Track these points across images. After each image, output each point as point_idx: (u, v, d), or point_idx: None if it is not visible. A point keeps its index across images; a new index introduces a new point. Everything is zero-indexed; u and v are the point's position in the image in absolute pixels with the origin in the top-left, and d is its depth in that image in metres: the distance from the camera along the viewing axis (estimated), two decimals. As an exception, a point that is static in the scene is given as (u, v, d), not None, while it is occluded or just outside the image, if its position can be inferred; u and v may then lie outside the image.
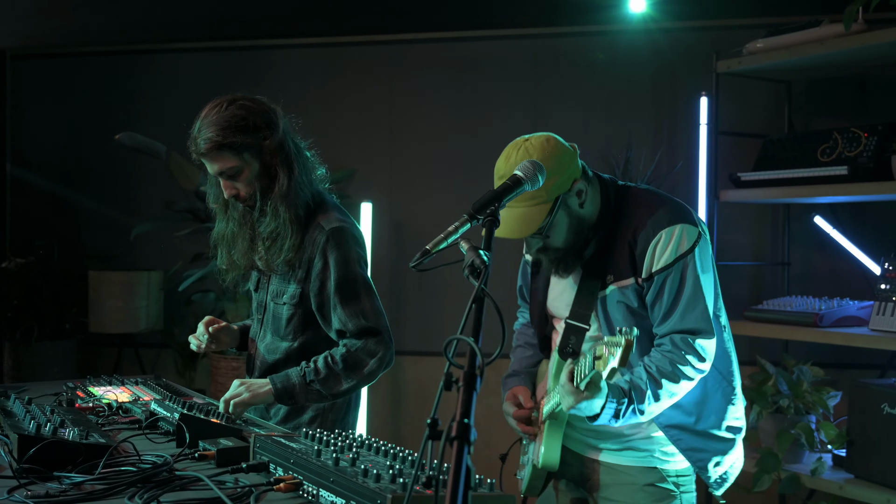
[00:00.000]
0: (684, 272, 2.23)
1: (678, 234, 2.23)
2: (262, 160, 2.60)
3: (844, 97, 4.79)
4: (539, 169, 1.94)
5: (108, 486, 1.89)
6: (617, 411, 2.16)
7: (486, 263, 1.57)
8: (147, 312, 5.37)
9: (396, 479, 1.67)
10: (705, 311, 2.24)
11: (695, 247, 2.25)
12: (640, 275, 2.27)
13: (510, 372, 2.63)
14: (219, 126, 2.55)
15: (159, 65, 5.79)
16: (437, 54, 5.45)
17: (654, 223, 2.25)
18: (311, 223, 2.68)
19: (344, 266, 2.63)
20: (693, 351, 2.22)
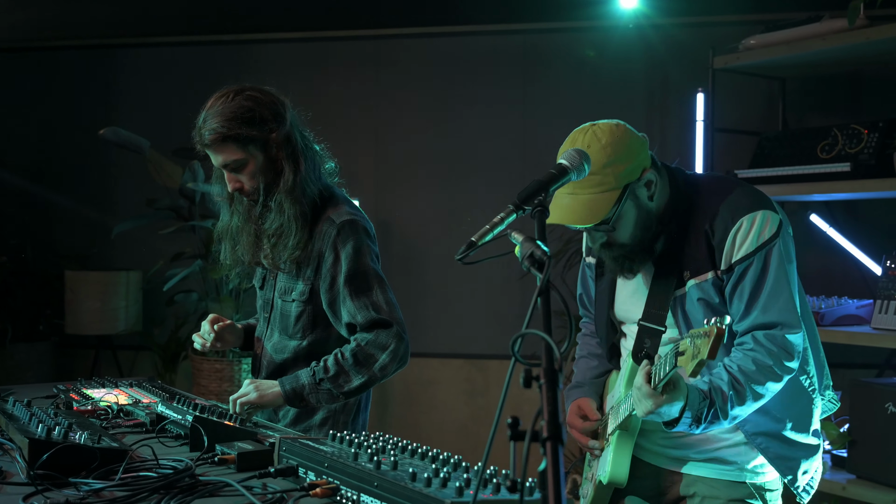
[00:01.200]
0: (767, 261, 2.07)
1: (760, 221, 2.07)
2: (267, 153, 2.51)
3: (838, 94, 4.79)
4: (585, 158, 1.86)
5: (130, 493, 1.77)
6: (697, 416, 1.99)
7: (547, 254, 1.48)
8: (126, 313, 5.20)
9: (448, 484, 1.58)
10: (790, 302, 2.08)
11: (778, 234, 2.09)
12: (719, 266, 2.10)
13: (574, 383, 2.47)
14: (224, 117, 2.46)
15: (137, 59, 5.64)
16: (423, 50, 5.36)
17: (732, 210, 2.10)
18: (321, 217, 2.59)
19: (355, 258, 2.54)
20: (778, 347, 2.05)
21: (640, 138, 2.17)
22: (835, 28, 3.88)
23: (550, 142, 5.08)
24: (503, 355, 5.21)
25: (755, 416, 2.12)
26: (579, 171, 1.85)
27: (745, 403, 2.04)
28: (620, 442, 2.21)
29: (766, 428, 2.15)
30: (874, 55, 4.09)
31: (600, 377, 2.44)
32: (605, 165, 2.07)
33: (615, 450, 2.20)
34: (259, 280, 2.82)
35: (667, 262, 2.17)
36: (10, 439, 2.14)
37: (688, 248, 2.14)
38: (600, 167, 2.06)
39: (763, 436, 2.15)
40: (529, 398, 5.11)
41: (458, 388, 5.28)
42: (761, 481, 2.21)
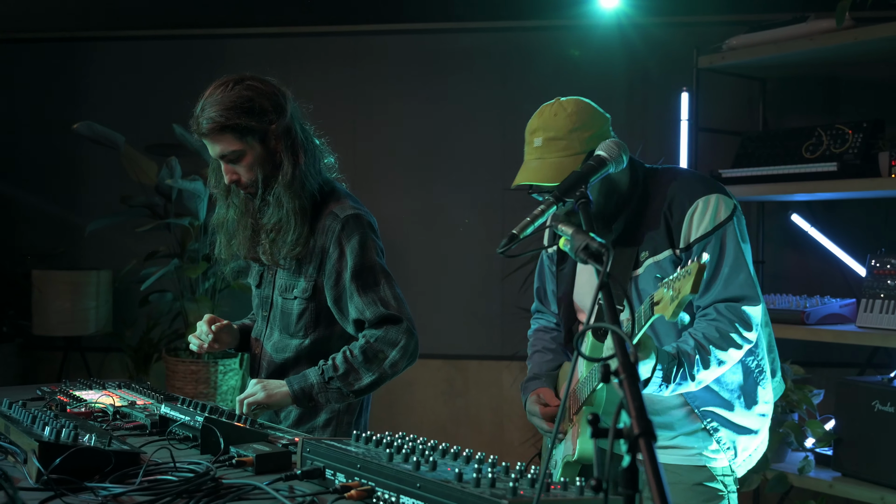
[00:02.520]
0: (724, 240, 2.19)
1: (714, 203, 2.19)
2: (266, 145, 2.44)
3: (816, 95, 4.84)
4: (623, 149, 1.84)
5: (153, 497, 1.69)
6: (667, 374, 2.07)
7: (605, 245, 1.44)
8: (97, 314, 5.06)
9: (497, 484, 1.53)
10: (749, 278, 2.19)
11: (732, 216, 2.21)
12: (677, 245, 2.20)
13: (530, 376, 2.54)
14: (223, 106, 2.38)
15: (106, 53, 5.49)
16: (402, 46, 5.31)
17: (689, 193, 2.21)
18: (323, 212, 2.53)
19: (361, 253, 2.47)
20: (739, 318, 2.15)
21: (603, 114, 2.30)
22: (822, 28, 3.91)
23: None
24: (482, 356, 5.17)
25: (704, 391, 2.23)
26: (618, 163, 1.83)
27: (709, 367, 2.13)
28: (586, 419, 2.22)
29: (713, 403, 2.25)
30: (860, 55, 4.14)
31: (555, 370, 2.52)
32: (570, 131, 2.21)
33: (582, 426, 2.27)
34: (256, 278, 2.75)
35: (623, 244, 2.27)
36: (13, 443, 2.03)
37: (645, 230, 2.25)
38: (566, 132, 2.20)
39: (711, 412, 2.25)
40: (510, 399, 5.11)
41: (436, 388, 5.22)
42: (718, 465, 2.30)
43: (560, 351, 2.55)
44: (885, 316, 3.77)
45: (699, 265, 1.71)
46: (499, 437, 5.14)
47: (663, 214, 2.22)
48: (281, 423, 2.61)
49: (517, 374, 5.08)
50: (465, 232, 5.23)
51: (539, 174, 2.19)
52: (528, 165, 2.24)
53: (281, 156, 2.44)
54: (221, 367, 4.75)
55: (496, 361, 5.13)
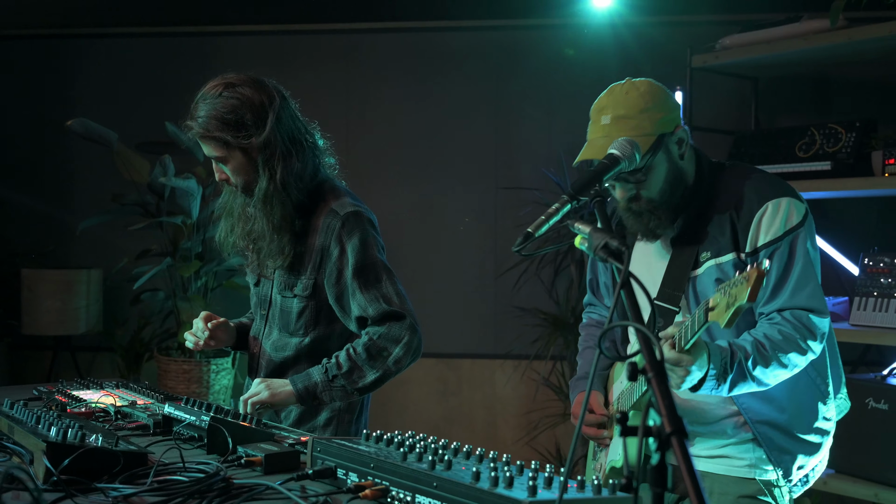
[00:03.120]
0: (794, 247, 2.07)
1: (786, 207, 2.07)
2: (247, 156, 2.44)
3: (807, 95, 4.87)
4: (636, 147, 1.84)
5: (165, 498, 1.68)
6: (722, 368, 1.94)
7: (626, 244, 1.44)
8: (87, 313, 5.02)
9: (514, 483, 1.53)
10: (817, 289, 2.08)
11: (804, 222, 2.09)
12: (742, 249, 2.09)
13: (580, 374, 2.46)
14: (207, 115, 2.40)
15: (97, 51, 5.44)
16: (395, 45, 5.30)
17: (759, 194, 2.09)
18: (322, 209, 2.52)
19: (362, 250, 2.47)
20: (804, 325, 2.03)
21: (675, 100, 2.19)
22: (815, 28, 3.94)
23: (523, 138, 5.13)
24: (476, 354, 5.17)
25: (760, 403, 2.12)
26: (631, 161, 1.83)
27: (769, 367, 2.01)
28: (615, 417, 2.23)
29: (768, 417, 2.14)
30: (853, 55, 4.16)
31: (606, 368, 2.43)
32: (641, 111, 2.08)
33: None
34: (253, 277, 2.74)
35: (685, 242, 2.17)
36: (17, 443, 2.01)
37: (710, 229, 2.14)
38: (637, 112, 2.07)
39: (765, 424, 2.14)
40: (503, 398, 5.13)
41: (430, 387, 5.22)
42: (770, 478, 2.20)
43: (612, 348, 2.45)
44: (878, 314, 3.80)
45: (758, 272, 1.64)
46: (492, 436, 5.14)
47: (729, 215, 2.11)
48: (282, 422, 2.60)
49: (510, 373, 5.09)
50: (458, 231, 5.23)
51: (605, 152, 2.00)
52: (593, 143, 2.10)
53: (259, 169, 2.44)
54: (214, 366, 4.72)
55: (489, 360, 5.13)
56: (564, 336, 4.77)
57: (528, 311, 4.96)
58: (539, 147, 5.07)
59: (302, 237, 2.54)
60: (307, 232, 2.53)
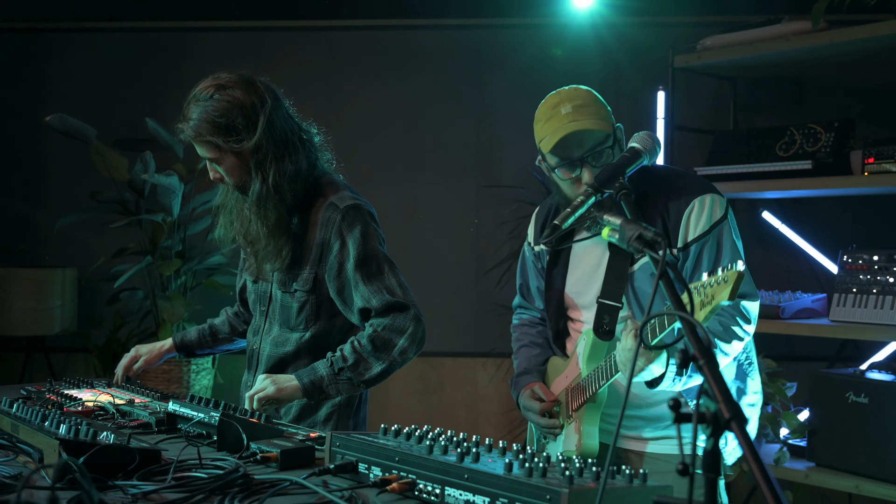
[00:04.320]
0: (720, 238, 2.22)
1: (710, 203, 2.22)
2: (239, 159, 2.45)
3: (783, 96, 4.95)
4: (656, 142, 1.86)
5: (186, 495, 1.66)
6: (679, 368, 2.07)
7: (661, 234, 1.45)
8: (62, 313, 4.93)
9: (548, 474, 1.53)
10: (746, 274, 2.21)
11: (726, 214, 2.24)
12: (675, 245, 2.23)
13: (520, 371, 2.54)
14: (198, 118, 2.40)
15: (72, 45, 5.34)
16: (376, 43, 5.28)
17: (685, 193, 2.23)
18: (320, 203, 2.52)
19: (363, 243, 2.48)
20: (739, 312, 2.19)
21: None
22: (796, 30, 4.00)
23: (504, 135, 5.14)
24: (457, 353, 5.17)
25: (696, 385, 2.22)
26: (652, 154, 1.85)
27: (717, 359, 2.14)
28: (588, 415, 2.28)
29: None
30: (833, 57, 4.24)
31: (543, 364, 2.53)
32: (595, 101, 2.23)
33: (584, 422, 2.27)
34: (253, 273, 2.72)
35: None
36: (24, 442, 1.97)
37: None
38: (592, 101, 2.22)
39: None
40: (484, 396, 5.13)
41: (411, 386, 5.21)
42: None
43: (546, 346, 2.56)
44: (857, 310, 3.87)
45: (738, 273, 1.70)
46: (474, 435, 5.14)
47: (660, 213, 2.23)
48: (281, 418, 2.58)
49: (493, 372, 5.09)
50: (440, 229, 5.22)
51: (582, 125, 2.15)
52: (564, 127, 2.18)
53: (251, 171, 2.45)
54: (194, 366, 4.67)
55: (471, 358, 5.13)
56: (547, 334, 4.78)
57: (510, 309, 4.96)
58: (521, 146, 5.07)
59: (300, 235, 2.53)
60: (305, 227, 2.53)
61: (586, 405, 2.28)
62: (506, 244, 4.98)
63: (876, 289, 3.84)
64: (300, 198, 2.52)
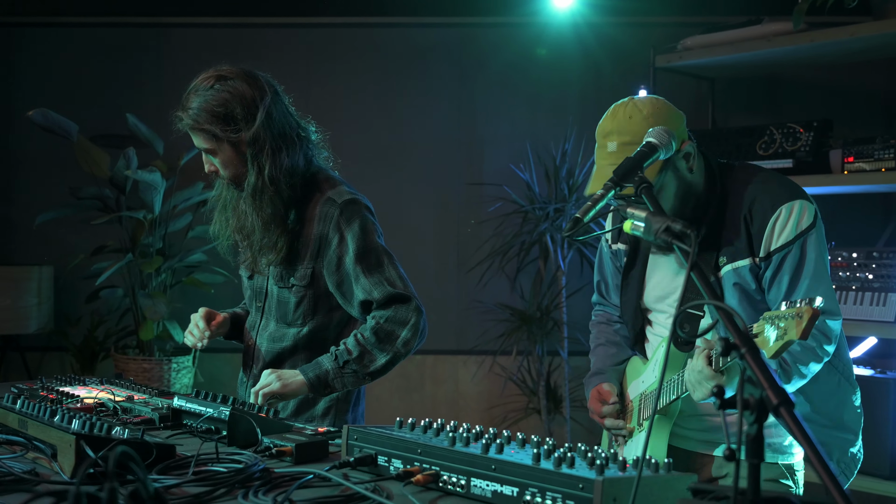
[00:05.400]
0: (805, 249, 2.10)
1: (798, 210, 2.10)
2: (236, 149, 2.45)
3: (760, 96, 5.03)
4: (672, 136, 1.88)
5: (209, 488, 1.65)
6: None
7: (689, 225, 1.47)
8: (38, 311, 4.86)
9: (576, 464, 1.55)
10: (829, 291, 2.12)
11: (814, 224, 2.12)
12: (757, 254, 2.13)
13: (594, 371, 2.47)
14: (198, 108, 2.41)
15: (51, 40, 5.26)
16: (358, 41, 5.27)
17: (772, 198, 2.12)
18: (317, 198, 2.53)
19: (362, 236, 2.49)
20: (821, 331, 2.07)
21: (679, 113, 2.21)
22: (777, 31, 4.07)
23: (487, 133, 5.16)
24: (438, 350, 5.18)
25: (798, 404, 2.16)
26: (668, 150, 1.87)
27: (791, 381, 2.09)
28: (658, 427, 2.23)
29: (800, 411, 2.15)
30: (813, 57, 4.33)
31: (620, 364, 2.46)
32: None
33: (653, 434, 2.22)
34: (248, 269, 2.71)
35: (703, 248, 2.18)
36: (35, 438, 1.95)
37: (726, 233, 2.16)
38: (642, 137, 2.05)
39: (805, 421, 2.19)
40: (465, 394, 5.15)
41: (391, 383, 5.21)
42: (791, 461, 2.27)
43: (624, 344, 2.49)
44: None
45: (813, 311, 1.63)
46: (453, 432, 5.15)
47: (743, 219, 2.13)
48: (280, 412, 2.58)
49: (474, 370, 5.11)
50: (422, 227, 5.23)
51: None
52: (602, 172, 2.10)
53: (248, 163, 2.45)
54: (175, 364, 4.63)
55: (452, 356, 5.15)
56: (530, 331, 4.82)
57: (492, 307, 4.99)
58: (504, 143, 5.12)
59: (297, 230, 2.53)
60: (302, 223, 2.53)
61: (657, 416, 2.21)
62: (488, 242, 5.00)
63: (855, 285, 3.92)
64: (297, 193, 2.52)
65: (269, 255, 2.51)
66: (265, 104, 2.44)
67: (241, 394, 2.71)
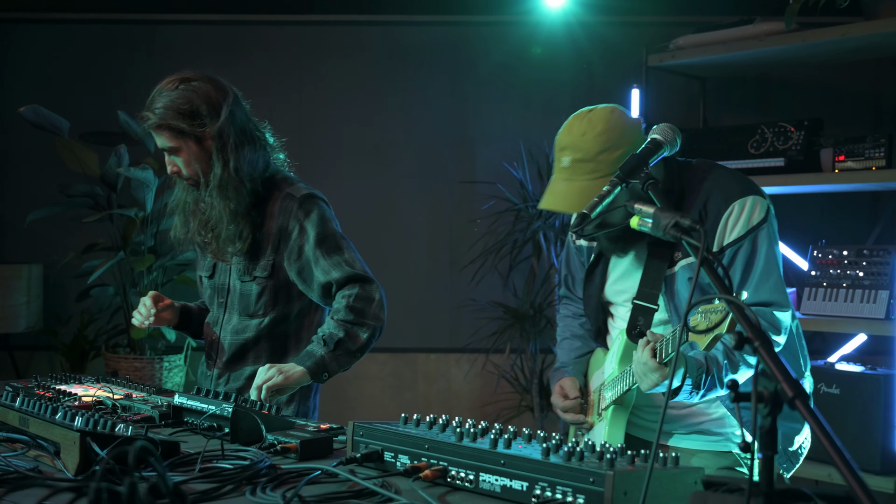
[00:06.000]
0: (756, 244, 2.14)
1: (750, 206, 2.15)
2: (200, 146, 2.56)
3: (749, 95, 5.06)
4: (677, 133, 1.89)
5: (217, 485, 1.65)
6: (697, 383, 2.05)
7: (698, 221, 1.48)
8: (27, 310, 4.82)
9: (585, 458, 1.56)
10: (779, 283, 2.17)
11: (766, 219, 2.17)
12: (710, 248, 2.13)
13: (559, 364, 2.53)
14: (163, 105, 2.52)
15: (40, 36, 5.23)
16: (351, 38, 5.26)
17: (725, 195, 2.17)
18: (277, 196, 2.64)
19: (321, 224, 2.61)
20: (768, 322, 2.13)
21: (635, 123, 2.22)
22: (768, 31, 4.10)
23: (479, 131, 5.17)
24: (431, 349, 5.19)
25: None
26: (672, 146, 1.88)
27: (738, 371, 2.13)
28: (615, 416, 2.29)
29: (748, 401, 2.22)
30: (804, 57, 4.35)
31: (583, 357, 2.53)
32: (598, 153, 2.12)
33: (610, 423, 2.28)
34: (208, 269, 2.81)
35: (660, 243, 2.22)
36: (37, 436, 1.93)
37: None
38: (594, 154, 2.12)
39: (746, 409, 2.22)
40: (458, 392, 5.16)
41: (384, 382, 5.21)
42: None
43: (588, 337, 2.54)
44: (828, 303, 3.98)
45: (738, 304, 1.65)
46: (445, 430, 5.15)
47: (699, 214, 2.18)
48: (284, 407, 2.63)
49: (466, 368, 5.12)
50: (415, 225, 5.23)
51: (567, 201, 2.13)
52: (554, 187, 2.18)
53: (212, 157, 2.56)
54: (167, 363, 4.61)
55: (445, 354, 5.15)
56: (523, 328, 4.83)
57: (485, 305, 5.00)
58: (496, 142, 5.12)
59: (258, 225, 2.64)
60: (263, 219, 2.63)
61: (613, 406, 2.28)
62: (480, 240, 5.01)
63: (846, 283, 3.95)
64: (259, 190, 2.63)
65: (235, 244, 2.62)
66: (228, 102, 2.56)
67: (206, 386, 2.77)
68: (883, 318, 3.77)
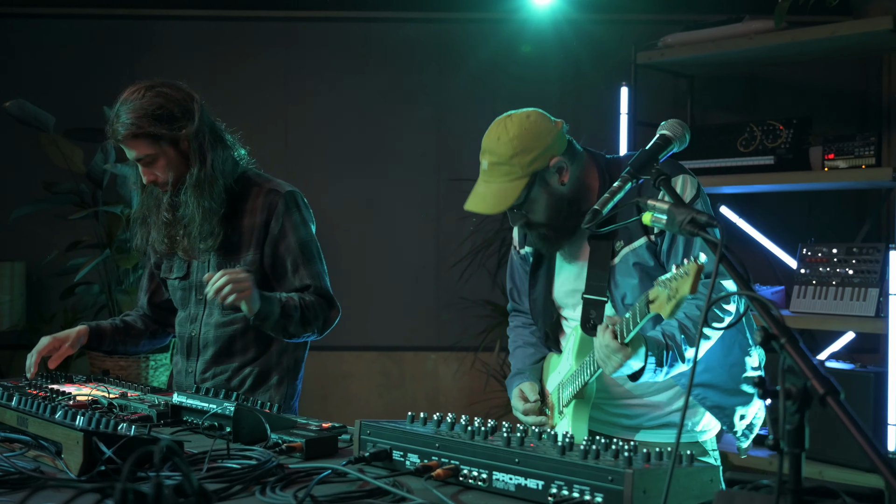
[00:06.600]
0: None
1: (681, 184, 2.20)
2: (177, 149, 2.59)
3: (736, 93, 5.07)
4: (686, 128, 1.89)
5: (225, 484, 1.62)
6: (658, 359, 2.07)
7: (713, 216, 1.47)
8: (10, 308, 4.75)
9: (601, 456, 1.55)
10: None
11: (699, 194, 2.21)
12: (651, 231, 2.22)
13: (514, 371, 2.56)
14: (136, 114, 2.53)
15: (23, 32, 5.15)
16: (336, 35, 5.23)
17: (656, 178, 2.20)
18: (257, 192, 2.67)
19: (303, 227, 2.68)
20: (716, 293, 2.14)
21: (552, 126, 2.26)
22: (757, 29, 4.11)
23: (466, 129, 5.14)
24: (418, 347, 5.17)
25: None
26: (682, 142, 1.89)
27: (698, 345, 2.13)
28: (577, 410, 2.30)
29: (702, 379, 2.26)
30: (793, 56, 4.37)
31: (538, 363, 2.55)
32: (511, 157, 2.20)
33: (573, 418, 2.29)
34: (181, 270, 2.80)
35: (598, 238, 2.28)
36: (39, 436, 1.90)
37: (619, 220, 2.22)
38: (507, 158, 2.20)
39: (700, 386, 2.27)
40: (446, 391, 5.13)
41: (372, 381, 5.18)
42: (706, 439, 2.36)
43: (540, 344, 2.57)
44: (817, 301, 4.00)
45: (697, 266, 1.69)
46: (433, 428, 5.14)
47: (635, 202, 2.16)
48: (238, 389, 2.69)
49: (454, 366, 5.10)
50: (401, 223, 5.21)
51: (484, 202, 2.23)
52: (476, 189, 2.27)
53: (190, 158, 2.59)
54: (152, 362, 4.56)
55: (433, 353, 5.14)
56: (511, 327, 4.82)
57: (473, 303, 4.99)
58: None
59: (235, 219, 2.67)
60: (243, 214, 2.67)
61: (574, 401, 2.30)
62: (468, 239, 4.99)
63: (835, 280, 3.97)
64: (234, 190, 2.66)
65: (207, 241, 2.64)
66: (197, 102, 2.60)
67: (187, 384, 2.77)
68: (873, 316, 3.80)
